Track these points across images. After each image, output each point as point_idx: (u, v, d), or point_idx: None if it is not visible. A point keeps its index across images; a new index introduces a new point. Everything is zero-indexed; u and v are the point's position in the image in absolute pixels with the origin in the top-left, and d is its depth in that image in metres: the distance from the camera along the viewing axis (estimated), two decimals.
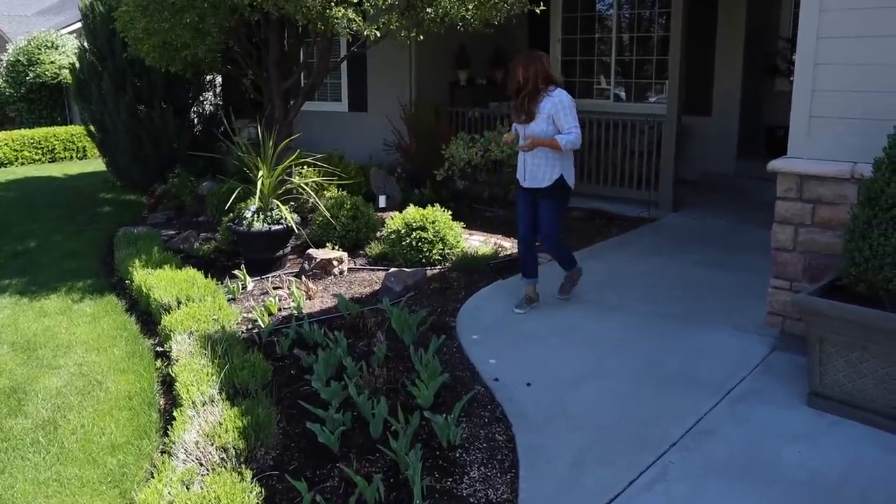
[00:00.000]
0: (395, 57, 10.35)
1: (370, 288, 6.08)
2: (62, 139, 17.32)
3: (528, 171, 5.20)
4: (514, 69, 4.99)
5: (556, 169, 5.12)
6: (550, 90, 5.03)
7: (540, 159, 5.12)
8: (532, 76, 4.95)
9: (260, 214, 6.63)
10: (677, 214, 8.39)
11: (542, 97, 5.02)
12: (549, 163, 5.12)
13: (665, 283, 6.04)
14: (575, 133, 4.99)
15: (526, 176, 5.22)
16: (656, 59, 10.39)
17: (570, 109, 4.98)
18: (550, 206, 5.21)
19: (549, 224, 5.26)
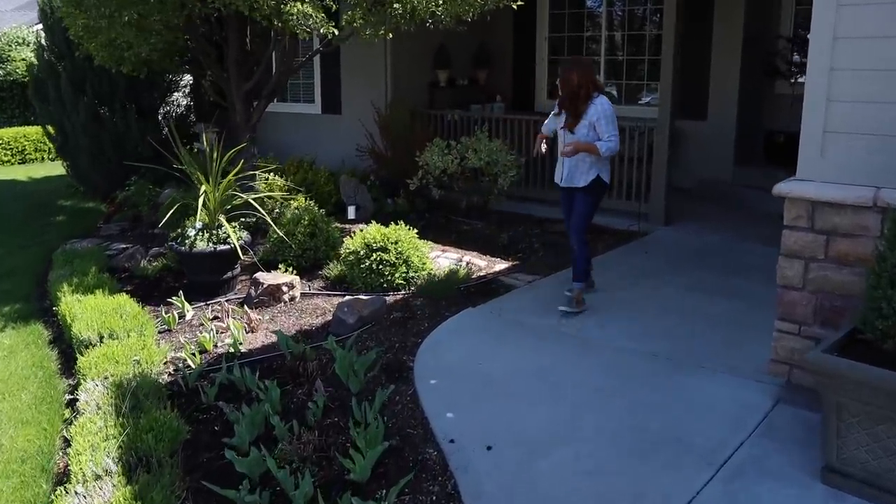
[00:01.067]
0: (369, 56, 9.68)
1: (323, 318, 5.42)
2: (33, 140, 16.58)
3: (566, 173, 5.40)
4: (568, 74, 5.16)
5: (592, 171, 5.32)
6: (594, 96, 5.21)
7: (579, 162, 5.30)
8: (585, 82, 5.15)
9: (205, 233, 5.95)
10: (670, 228, 7.73)
11: (589, 104, 5.20)
12: (586, 166, 5.32)
13: (654, 312, 5.38)
14: (615, 141, 5.16)
15: (564, 176, 5.43)
16: (649, 59, 9.73)
17: (613, 117, 5.18)
18: (583, 199, 5.39)
19: (579, 215, 5.41)
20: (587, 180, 5.31)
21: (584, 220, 5.41)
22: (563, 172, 5.42)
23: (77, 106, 10.42)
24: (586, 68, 5.23)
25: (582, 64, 5.29)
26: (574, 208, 5.43)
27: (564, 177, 5.40)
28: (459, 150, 8.04)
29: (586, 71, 5.20)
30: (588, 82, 5.17)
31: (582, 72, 5.14)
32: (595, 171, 5.31)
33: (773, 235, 7.44)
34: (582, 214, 5.39)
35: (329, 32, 6.08)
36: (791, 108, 8.82)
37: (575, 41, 10.28)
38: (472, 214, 8.34)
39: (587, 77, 5.17)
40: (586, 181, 5.31)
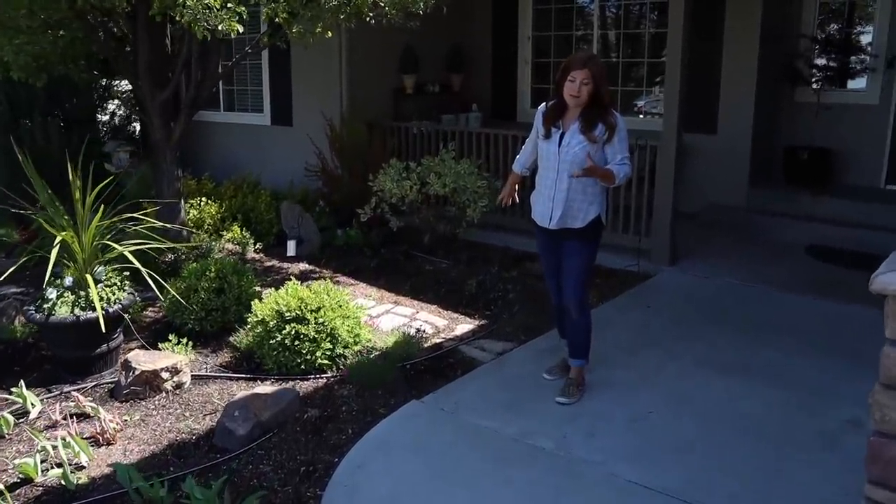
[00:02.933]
0: (323, 59, 8.26)
1: (214, 416, 4.00)
2: None
3: (560, 207, 3.94)
4: (594, 70, 3.78)
5: (594, 207, 3.97)
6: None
7: (581, 193, 3.92)
8: (605, 87, 3.85)
9: (69, 294, 4.53)
10: (676, 269, 6.33)
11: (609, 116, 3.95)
12: (589, 198, 3.95)
13: (662, 408, 3.98)
14: (629, 164, 3.98)
15: (554, 213, 3.96)
16: (648, 62, 8.34)
17: (626, 134, 3.96)
18: (582, 246, 4.01)
19: (579, 269, 4.03)
20: (585, 218, 3.95)
21: (585, 274, 4.07)
22: (551, 210, 3.95)
23: None
24: (604, 70, 3.89)
25: (601, 64, 3.88)
26: (568, 260, 4.03)
27: (556, 216, 3.94)
28: (420, 173, 6.63)
29: (605, 73, 3.86)
30: (607, 88, 3.89)
31: (602, 73, 3.81)
32: (597, 207, 3.97)
33: (802, 278, 6.08)
34: (582, 268, 4.03)
35: (232, 29, 4.65)
36: (816, 119, 7.46)
37: (563, 41, 8.88)
38: (436, 249, 6.93)
39: (606, 81, 3.86)
40: (585, 220, 3.95)
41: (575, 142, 3.83)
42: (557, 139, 3.90)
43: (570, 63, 3.78)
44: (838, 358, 4.53)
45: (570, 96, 3.77)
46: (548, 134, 3.92)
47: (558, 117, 3.92)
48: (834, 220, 7.01)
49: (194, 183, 8.25)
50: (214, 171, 9.27)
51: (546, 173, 3.98)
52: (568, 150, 3.85)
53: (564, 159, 3.86)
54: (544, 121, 3.96)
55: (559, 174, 3.90)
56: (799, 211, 7.29)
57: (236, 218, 7.63)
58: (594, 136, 3.81)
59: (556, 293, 4.21)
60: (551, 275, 4.20)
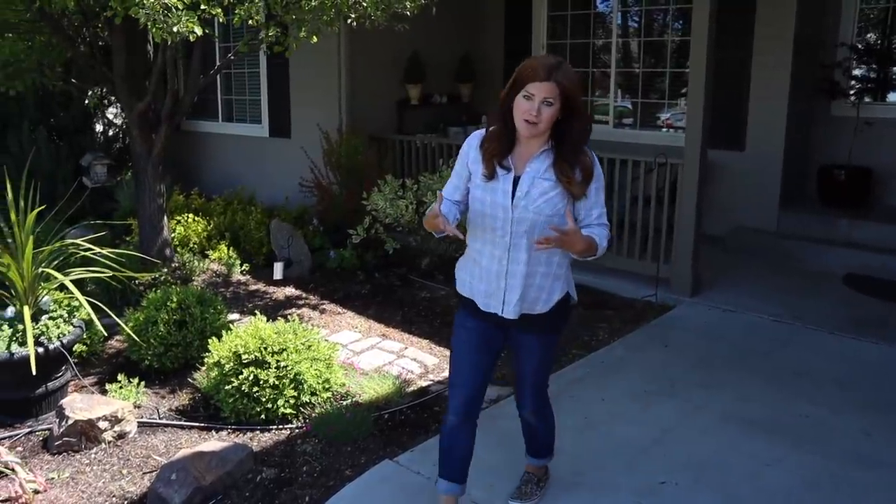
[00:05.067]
0: (323, 68, 7.76)
1: (151, 476, 3.44)
2: None
3: (518, 289, 2.68)
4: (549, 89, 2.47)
5: (560, 279, 2.76)
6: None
7: (544, 265, 2.70)
8: (581, 109, 2.60)
9: (7, 327, 4.01)
10: (698, 301, 5.70)
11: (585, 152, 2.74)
12: (554, 270, 2.73)
13: (675, 479, 3.37)
14: (608, 227, 2.74)
15: (509, 297, 2.69)
16: (670, 73, 7.74)
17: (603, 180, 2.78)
18: (543, 345, 2.88)
19: (541, 365, 2.95)
20: (551, 300, 2.75)
21: (547, 370, 3.00)
22: (503, 293, 2.69)
23: None
24: (578, 81, 2.60)
25: (572, 73, 2.57)
26: (526, 362, 2.90)
27: (512, 301, 2.68)
28: (416, 192, 6.07)
29: (579, 87, 2.63)
30: (584, 109, 2.67)
31: (577, 87, 2.57)
32: (563, 281, 2.78)
33: (840, 314, 5.41)
34: (545, 363, 2.96)
35: (189, 31, 4.12)
36: (855, 135, 6.81)
37: (580, 49, 8.29)
38: (436, 273, 6.37)
39: (581, 98, 2.64)
40: (549, 302, 2.74)
41: (538, 191, 2.58)
42: (508, 185, 2.60)
43: (527, 71, 2.50)
44: (885, 415, 3.90)
45: (524, 121, 2.50)
46: (492, 175, 2.63)
47: (505, 151, 2.63)
48: (874, 245, 6.35)
49: (182, 198, 7.77)
50: (210, 184, 8.81)
51: (489, 236, 2.67)
52: (528, 202, 2.58)
53: (522, 217, 2.59)
54: (484, 154, 2.65)
55: (514, 238, 2.61)
56: (835, 236, 6.63)
57: (224, 236, 7.13)
58: (574, 179, 2.58)
59: (461, 410, 2.86)
60: (465, 381, 2.84)
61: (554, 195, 2.58)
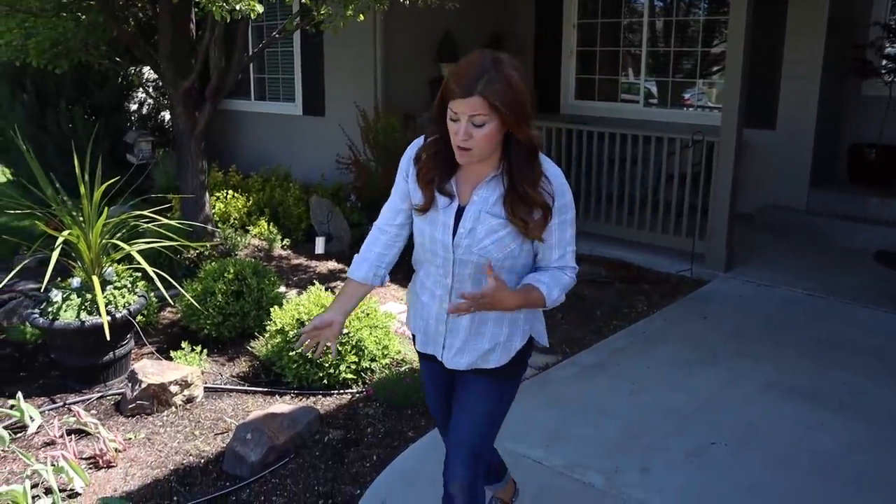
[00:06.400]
0: (357, 47, 7.88)
1: (226, 436, 3.63)
2: None
3: (460, 336, 2.21)
4: (477, 105, 1.90)
5: (520, 325, 2.23)
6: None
7: (494, 317, 2.18)
8: (525, 124, 1.97)
9: (76, 297, 4.19)
10: (732, 275, 5.83)
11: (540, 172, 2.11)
12: (513, 316, 2.20)
13: (723, 441, 3.52)
14: (572, 270, 2.17)
15: (449, 344, 2.24)
16: (701, 52, 7.81)
17: (573, 210, 2.12)
18: (495, 388, 2.27)
19: (484, 421, 2.28)
20: (510, 352, 2.23)
21: (494, 425, 2.32)
22: (443, 338, 2.24)
23: (14, 105, 8.82)
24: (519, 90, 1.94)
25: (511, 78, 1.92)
26: (471, 398, 2.27)
27: (452, 349, 2.23)
28: None
29: (522, 98, 1.95)
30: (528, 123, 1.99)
31: (519, 98, 1.93)
32: (526, 325, 2.25)
33: (874, 289, 5.51)
34: (493, 415, 2.30)
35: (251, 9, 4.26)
36: (886, 114, 6.88)
37: (611, 29, 8.37)
38: None
39: (526, 111, 1.97)
40: (505, 356, 2.23)
41: (485, 229, 2.05)
42: (450, 218, 2.08)
43: (448, 84, 1.95)
44: None
45: (456, 147, 1.96)
46: (429, 204, 2.10)
47: (447, 172, 2.08)
48: None
49: (221, 175, 7.94)
50: (243, 162, 8.95)
51: (432, 270, 2.19)
52: (472, 242, 2.06)
53: (465, 259, 2.08)
54: (419, 176, 2.11)
55: (456, 282, 2.13)
56: (865, 213, 6.73)
57: (264, 212, 7.29)
58: (530, 221, 2.02)
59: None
60: (440, 419, 2.52)
61: (504, 234, 2.04)
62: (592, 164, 6.62)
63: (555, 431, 3.59)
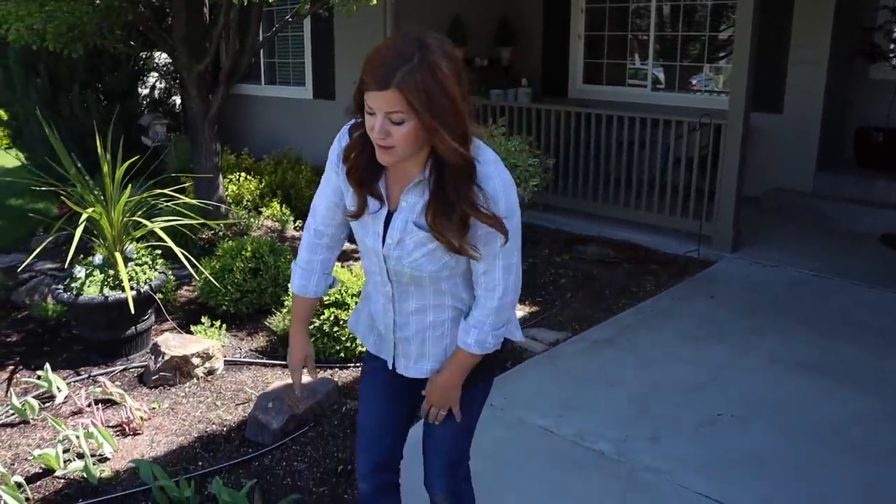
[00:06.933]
0: (367, 31, 7.95)
1: (247, 406, 3.74)
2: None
3: (413, 345, 2.01)
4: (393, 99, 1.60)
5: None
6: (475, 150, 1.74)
7: (452, 311, 1.96)
8: (452, 120, 1.63)
9: (98, 273, 4.30)
10: (738, 256, 5.91)
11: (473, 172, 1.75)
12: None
13: (731, 412, 3.62)
14: (514, 295, 1.89)
15: (401, 352, 2.04)
16: (708, 36, 7.86)
17: (516, 210, 1.79)
18: (467, 399, 2.04)
19: (459, 432, 2.13)
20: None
21: (467, 433, 2.16)
22: (392, 348, 2.05)
23: (28, 89, 8.91)
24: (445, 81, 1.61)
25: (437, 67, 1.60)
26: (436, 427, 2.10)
27: (409, 358, 2.03)
28: None
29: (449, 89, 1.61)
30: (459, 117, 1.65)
31: (445, 90, 1.61)
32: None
33: (881, 270, 5.57)
34: (458, 437, 2.14)
35: None
36: (894, 98, 6.94)
37: (618, 13, 8.42)
38: None
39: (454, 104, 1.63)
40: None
41: (413, 241, 1.82)
42: (379, 226, 1.87)
43: (363, 73, 1.67)
44: None
45: (376, 145, 1.69)
46: (361, 209, 1.86)
47: (377, 172, 1.83)
48: None
49: (234, 158, 8.04)
50: (255, 145, 9.04)
51: (373, 278, 2.01)
52: (402, 254, 1.84)
53: (398, 270, 1.88)
54: (348, 175, 1.85)
55: (397, 289, 1.95)
56: (872, 197, 6.80)
57: (276, 194, 7.39)
58: (447, 232, 1.74)
59: (373, 475, 2.20)
60: (373, 442, 2.18)
61: (435, 248, 1.80)
62: (601, 148, 6.70)
63: (565, 402, 3.69)
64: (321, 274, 2.08)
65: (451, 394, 1.98)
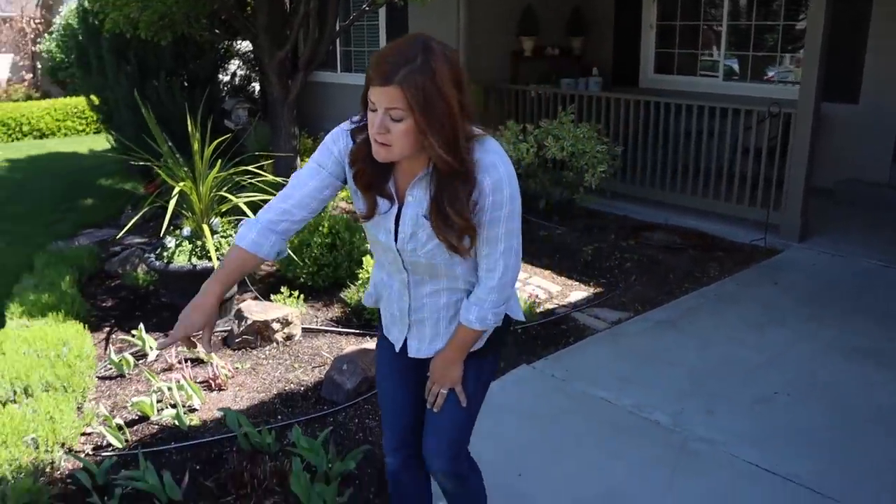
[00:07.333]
0: (441, 19, 8.15)
1: (322, 369, 3.99)
2: None
3: (428, 328, 2.10)
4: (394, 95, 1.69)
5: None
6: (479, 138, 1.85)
7: (463, 294, 2.05)
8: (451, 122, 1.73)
9: (187, 243, 4.62)
10: (806, 246, 5.91)
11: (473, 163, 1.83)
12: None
13: (788, 392, 3.70)
14: (514, 273, 2.00)
15: (415, 335, 2.13)
16: (783, 25, 7.80)
17: (516, 199, 1.91)
18: (471, 378, 2.14)
19: (461, 417, 2.18)
20: (485, 334, 2.08)
21: (464, 428, 2.22)
22: (407, 328, 2.13)
23: (118, 76, 9.40)
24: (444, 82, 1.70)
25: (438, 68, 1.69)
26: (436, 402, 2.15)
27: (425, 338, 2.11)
28: (537, 136, 6.45)
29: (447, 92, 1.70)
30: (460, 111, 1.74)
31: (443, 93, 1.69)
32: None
33: None
34: (460, 419, 2.17)
35: None
36: None
37: (691, 3, 8.42)
38: (552, 215, 6.74)
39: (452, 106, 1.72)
40: (485, 336, 2.09)
41: (426, 234, 1.90)
42: (390, 223, 1.95)
43: (370, 70, 1.73)
44: None
45: (374, 141, 1.77)
46: (372, 212, 1.94)
47: (386, 172, 1.91)
48: None
49: (310, 142, 8.37)
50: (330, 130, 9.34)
51: (387, 264, 2.09)
52: (416, 246, 1.93)
53: (414, 261, 1.98)
54: (356, 179, 1.92)
55: (412, 276, 2.04)
56: None
57: None
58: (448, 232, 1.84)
59: (398, 451, 2.31)
60: (394, 422, 2.30)
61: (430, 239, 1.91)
62: (669, 136, 6.75)
63: (625, 377, 3.83)
64: (280, 238, 1.99)
65: (453, 370, 2.06)
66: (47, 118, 15.28)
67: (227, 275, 2.02)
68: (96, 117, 15.03)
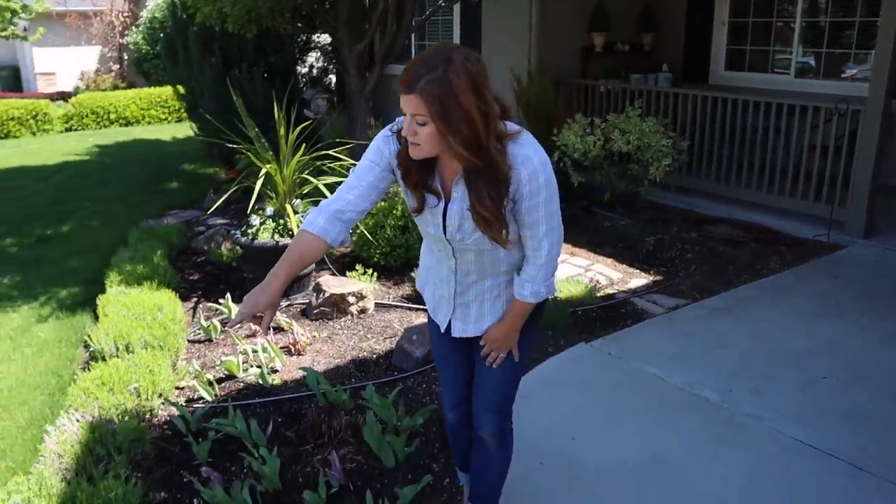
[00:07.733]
0: (514, 14, 8.38)
1: (392, 340, 4.29)
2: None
3: (473, 308, 2.32)
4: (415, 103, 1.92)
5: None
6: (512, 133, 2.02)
7: (506, 276, 2.28)
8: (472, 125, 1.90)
9: (270, 222, 4.98)
10: (870, 242, 5.96)
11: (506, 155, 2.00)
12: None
13: (836, 377, 3.83)
14: (557, 248, 2.20)
15: (460, 315, 2.34)
16: (860, 22, 7.77)
17: (553, 185, 2.08)
18: (522, 343, 2.38)
19: (503, 381, 2.40)
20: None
21: (510, 387, 2.44)
22: (454, 310, 2.34)
23: (203, 67, 9.91)
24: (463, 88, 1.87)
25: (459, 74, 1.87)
26: (485, 371, 2.39)
27: (470, 319, 2.32)
28: (604, 129, 6.63)
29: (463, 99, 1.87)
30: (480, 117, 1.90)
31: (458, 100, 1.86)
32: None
33: None
34: (506, 380, 2.40)
35: None
36: None
37: (764, 1, 8.44)
38: (616, 207, 6.91)
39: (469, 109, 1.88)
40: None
41: (470, 224, 2.08)
42: (438, 217, 2.14)
43: (400, 80, 1.95)
44: None
45: (408, 140, 1.99)
46: (421, 206, 2.13)
47: (429, 168, 2.09)
48: None
49: None
50: None
51: (436, 251, 2.31)
52: (464, 236, 2.12)
53: (463, 248, 2.18)
54: (404, 179, 2.12)
55: (460, 263, 2.24)
56: None
57: None
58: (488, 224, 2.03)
59: (456, 408, 2.60)
60: (450, 385, 2.58)
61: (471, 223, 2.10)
62: (736, 133, 6.84)
63: (677, 357, 4.02)
64: (345, 227, 2.13)
65: (512, 337, 2.30)
66: (133, 107, 16.06)
67: (294, 259, 2.14)
68: (179, 106, 15.74)
